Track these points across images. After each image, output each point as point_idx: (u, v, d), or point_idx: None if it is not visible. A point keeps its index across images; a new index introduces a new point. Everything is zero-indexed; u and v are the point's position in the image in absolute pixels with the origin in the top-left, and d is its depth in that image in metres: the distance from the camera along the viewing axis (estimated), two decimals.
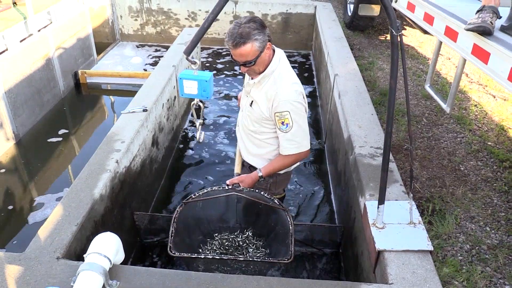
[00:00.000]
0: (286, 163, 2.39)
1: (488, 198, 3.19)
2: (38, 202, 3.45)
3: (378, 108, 4.41)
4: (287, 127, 2.23)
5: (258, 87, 2.27)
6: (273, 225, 2.38)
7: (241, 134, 2.53)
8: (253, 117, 2.34)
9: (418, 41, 6.74)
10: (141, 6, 6.79)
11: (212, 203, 2.43)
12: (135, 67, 6.12)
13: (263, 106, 2.26)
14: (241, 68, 2.16)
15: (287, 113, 2.19)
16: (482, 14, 2.41)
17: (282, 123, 2.23)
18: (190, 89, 1.78)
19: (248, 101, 2.37)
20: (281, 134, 2.27)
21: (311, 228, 2.76)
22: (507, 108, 4.52)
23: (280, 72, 2.23)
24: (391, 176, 2.41)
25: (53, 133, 4.43)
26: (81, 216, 2.13)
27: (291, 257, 2.02)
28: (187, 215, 2.33)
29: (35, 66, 4.62)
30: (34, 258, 1.87)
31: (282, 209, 2.29)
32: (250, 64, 2.12)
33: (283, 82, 2.21)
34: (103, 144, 2.74)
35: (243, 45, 2.05)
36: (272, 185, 2.58)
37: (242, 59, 2.10)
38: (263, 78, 2.23)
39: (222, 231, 2.50)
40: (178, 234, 2.21)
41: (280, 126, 2.24)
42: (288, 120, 2.21)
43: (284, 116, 2.20)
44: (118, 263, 1.88)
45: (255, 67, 2.16)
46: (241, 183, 2.39)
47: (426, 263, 1.85)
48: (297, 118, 2.22)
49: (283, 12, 6.66)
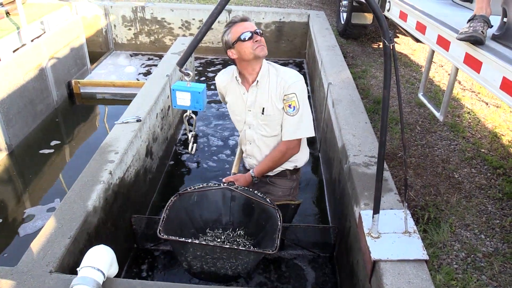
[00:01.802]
0: (277, 156, 2.38)
1: (483, 205, 3.19)
2: (29, 213, 3.42)
3: (372, 116, 4.43)
4: (294, 110, 2.25)
5: (260, 89, 2.29)
6: (263, 224, 2.38)
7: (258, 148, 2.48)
8: (273, 123, 2.33)
9: (411, 48, 6.80)
10: (135, 15, 6.80)
11: (206, 199, 2.46)
12: (129, 76, 6.11)
13: (276, 100, 2.27)
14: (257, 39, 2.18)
15: (294, 95, 2.22)
16: (473, 23, 2.43)
17: (289, 106, 2.24)
18: (183, 101, 1.78)
19: (257, 111, 2.35)
20: (288, 118, 2.27)
21: (304, 230, 2.76)
22: (500, 115, 4.56)
23: (275, 66, 2.33)
24: (385, 185, 2.41)
25: (46, 144, 4.40)
26: (74, 228, 2.11)
27: (276, 249, 2.03)
28: (180, 207, 2.36)
29: (28, 76, 4.61)
30: (27, 272, 1.85)
31: (273, 207, 2.29)
32: (261, 33, 2.21)
33: (284, 69, 2.31)
34: (97, 155, 2.73)
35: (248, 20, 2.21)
36: (294, 190, 2.62)
37: (254, 28, 2.19)
38: (261, 77, 2.27)
39: (215, 228, 2.51)
40: (170, 223, 2.21)
41: (287, 110, 2.25)
42: (295, 103, 2.23)
43: (291, 99, 2.23)
44: (112, 276, 1.86)
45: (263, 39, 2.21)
46: (236, 182, 2.43)
47: (422, 273, 1.85)
48: (302, 100, 2.26)
49: (277, 21, 6.69)
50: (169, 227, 2.19)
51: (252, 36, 2.15)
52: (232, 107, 2.47)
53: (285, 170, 2.53)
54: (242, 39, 2.15)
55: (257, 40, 2.17)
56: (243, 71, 2.31)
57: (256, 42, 2.16)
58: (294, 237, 2.74)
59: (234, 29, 2.17)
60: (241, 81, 2.34)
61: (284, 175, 2.55)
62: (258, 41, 2.17)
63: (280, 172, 2.53)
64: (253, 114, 2.37)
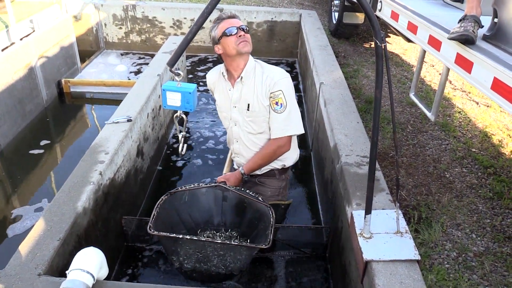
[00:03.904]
0: (267, 153, 2.38)
1: (474, 205, 3.21)
2: (16, 214, 3.37)
3: (363, 115, 4.43)
4: (282, 107, 2.23)
5: (246, 85, 2.28)
6: (256, 223, 2.37)
7: (245, 146, 2.47)
8: (258, 119, 2.33)
9: (402, 48, 6.82)
10: (126, 14, 6.74)
11: (198, 199, 2.45)
12: (120, 75, 6.06)
13: (261, 97, 2.26)
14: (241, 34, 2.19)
15: (280, 92, 2.22)
16: (464, 23, 2.43)
17: (276, 103, 2.23)
18: (173, 101, 1.76)
19: (242, 107, 2.35)
20: (275, 115, 2.26)
21: (296, 230, 2.75)
22: (490, 115, 4.59)
23: (261, 64, 2.34)
24: (377, 185, 2.41)
25: (35, 144, 4.34)
26: (63, 230, 2.08)
27: (269, 243, 2.01)
28: (171, 207, 2.35)
29: (17, 75, 4.54)
30: (15, 275, 1.82)
31: (265, 205, 2.28)
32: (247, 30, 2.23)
33: (270, 67, 2.32)
34: (87, 155, 2.69)
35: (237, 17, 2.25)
36: (283, 190, 2.61)
37: (240, 24, 2.22)
38: (246, 73, 2.27)
39: (206, 229, 2.50)
40: (160, 222, 2.20)
41: (274, 107, 2.24)
42: (282, 100, 2.23)
43: (278, 96, 2.22)
44: (102, 279, 1.84)
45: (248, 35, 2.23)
46: (227, 182, 2.43)
47: (414, 273, 1.85)
48: (289, 97, 2.25)
49: (268, 20, 6.68)
50: (160, 227, 2.17)
51: (236, 32, 2.18)
52: (219, 103, 2.49)
53: (274, 170, 2.52)
54: (227, 34, 2.18)
55: (240, 35, 2.19)
56: (228, 67, 2.33)
57: (240, 37, 2.18)
58: (286, 238, 2.74)
59: (221, 25, 2.21)
60: (227, 77, 2.36)
61: (272, 175, 2.55)
62: (242, 36, 2.19)
63: (268, 171, 2.52)
64: (238, 110, 2.37)
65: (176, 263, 2.17)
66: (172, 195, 2.35)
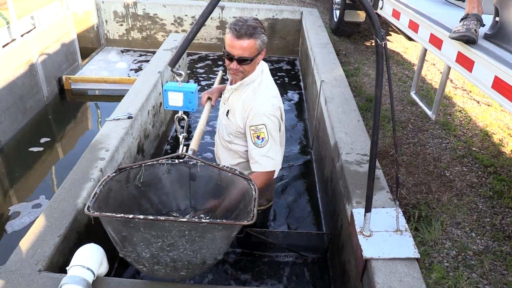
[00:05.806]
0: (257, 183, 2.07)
1: (474, 203, 3.21)
2: (14, 210, 3.38)
3: (364, 114, 4.43)
4: (263, 141, 2.11)
5: (236, 95, 2.20)
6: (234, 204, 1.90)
7: (217, 141, 2.47)
8: (229, 128, 2.25)
9: (403, 46, 6.81)
10: (127, 11, 6.74)
11: (157, 180, 1.98)
12: (120, 72, 6.06)
13: (238, 115, 2.17)
14: (231, 64, 2.03)
15: (263, 127, 2.09)
16: (466, 22, 2.43)
17: (257, 137, 2.12)
18: (175, 101, 1.75)
19: (224, 110, 2.30)
20: (255, 149, 2.13)
21: (298, 236, 2.75)
22: (491, 114, 4.58)
23: (261, 83, 2.16)
24: (377, 183, 2.42)
25: (35, 141, 4.34)
26: (64, 227, 2.08)
27: (252, 218, 1.57)
28: (121, 189, 1.84)
29: (18, 72, 4.54)
30: (15, 271, 1.83)
31: (244, 177, 1.84)
32: (246, 62, 2.01)
33: (263, 94, 2.13)
34: (87, 152, 2.70)
35: (247, 38, 1.95)
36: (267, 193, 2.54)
37: (240, 52, 1.98)
38: (241, 86, 2.16)
39: (171, 214, 2.00)
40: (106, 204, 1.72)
41: (255, 140, 2.12)
42: (264, 134, 2.10)
43: (260, 130, 2.10)
44: (102, 275, 1.84)
45: (247, 67, 2.05)
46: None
47: (413, 271, 1.85)
48: (273, 132, 2.12)
49: (270, 18, 6.67)
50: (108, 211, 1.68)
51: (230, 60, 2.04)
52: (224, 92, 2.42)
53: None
54: (225, 53, 2.05)
55: (231, 67, 2.06)
56: None
57: (230, 66, 2.06)
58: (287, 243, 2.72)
59: (228, 38, 2.01)
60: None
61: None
62: (232, 69, 2.06)
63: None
64: (223, 110, 2.33)
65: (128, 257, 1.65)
66: (122, 172, 1.83)
